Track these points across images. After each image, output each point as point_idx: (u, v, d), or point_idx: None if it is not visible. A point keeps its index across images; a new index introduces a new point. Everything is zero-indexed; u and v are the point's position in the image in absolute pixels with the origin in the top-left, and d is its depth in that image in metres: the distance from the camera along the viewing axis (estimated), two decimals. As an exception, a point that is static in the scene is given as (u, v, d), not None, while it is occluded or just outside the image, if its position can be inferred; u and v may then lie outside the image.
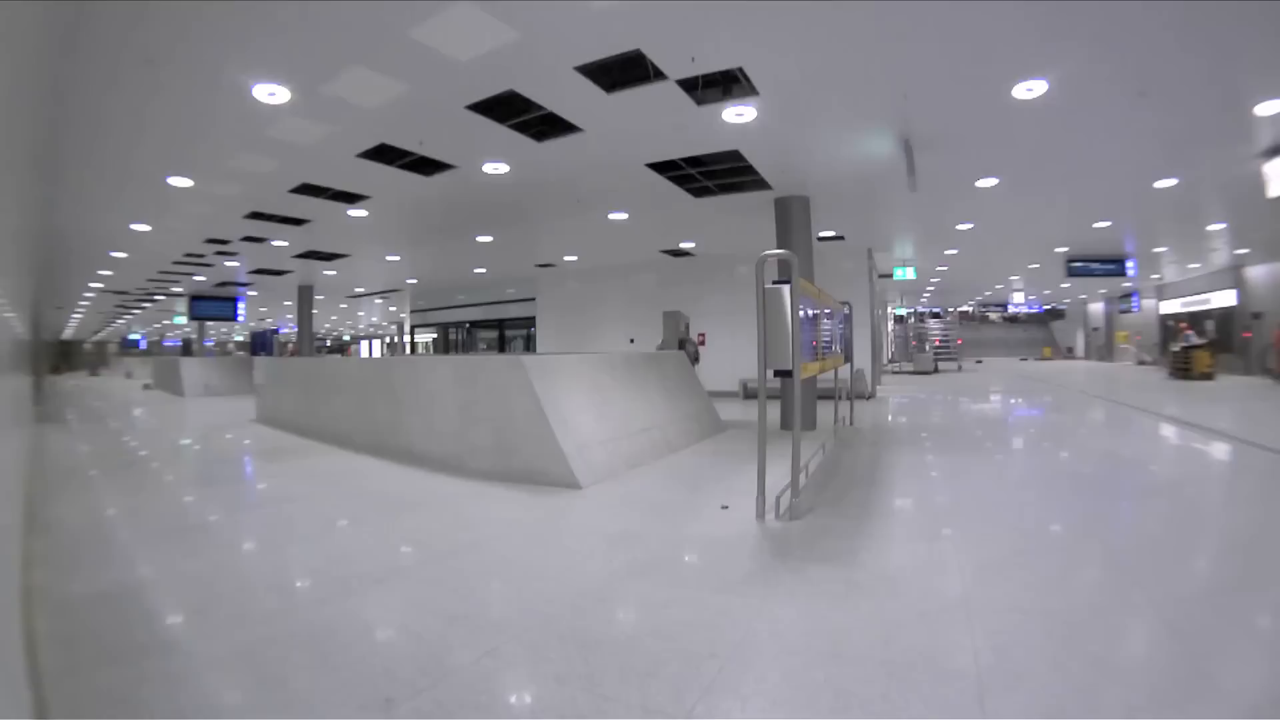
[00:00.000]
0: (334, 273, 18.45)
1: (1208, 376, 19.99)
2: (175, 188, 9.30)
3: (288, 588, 3.84)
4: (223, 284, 19.67)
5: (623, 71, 6.10)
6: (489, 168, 8.85)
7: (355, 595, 3.61)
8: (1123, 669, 2.84)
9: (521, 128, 7.43)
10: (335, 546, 4.62)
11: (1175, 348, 21.90)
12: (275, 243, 13.56)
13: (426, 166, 8.77)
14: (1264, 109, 7.19)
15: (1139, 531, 4.99)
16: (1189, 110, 7.28)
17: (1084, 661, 2.83)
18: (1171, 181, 10.33)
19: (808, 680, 2.71)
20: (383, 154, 8.24)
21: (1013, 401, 16.04)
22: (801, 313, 5.42)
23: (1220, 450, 8.44)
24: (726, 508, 5.42)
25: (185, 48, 5.40)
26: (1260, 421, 10.98)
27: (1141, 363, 30.75)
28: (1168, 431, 10.13)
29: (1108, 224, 14.22)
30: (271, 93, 6.30)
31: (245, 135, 7.44)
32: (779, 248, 9.72)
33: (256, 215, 11.20)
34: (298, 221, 11.69)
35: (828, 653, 2.93)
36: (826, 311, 7.83)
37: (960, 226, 14.15)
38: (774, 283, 5.33)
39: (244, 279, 18.87)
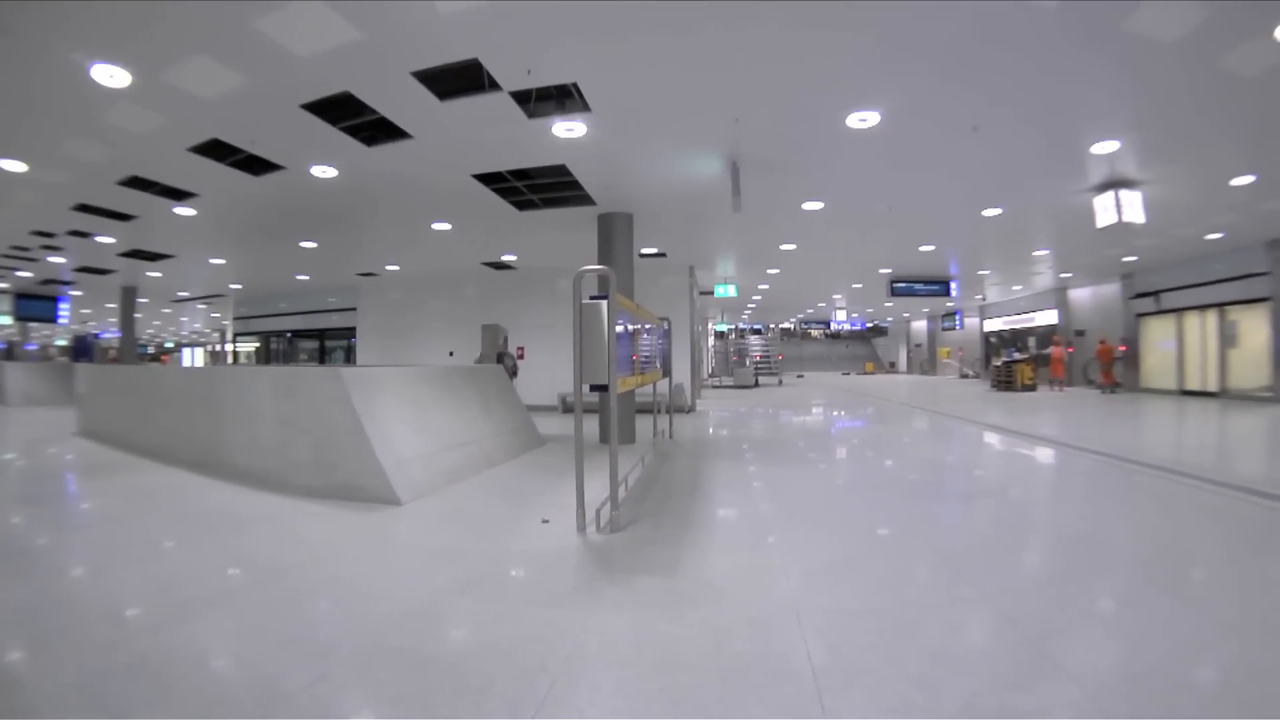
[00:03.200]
0: (159, 274, 17.14)
1: (1030, 388, 21.98)
2: (7, 172, 8.49)
3: (120, 616, 3.59)
4: (46, 282, 17.99)
5: (458, 79, 6.06)
6: (317, 170, 8.52)
7: (187, 622, 3.43)
8: (962, 659, 3.00)
9: (353, 131, 7.23)
10: (163, 570, 4.35)
11: (998, 361, 23.81)
12: (100, 239, 12.50)
13: (256, 165, 8.34)
14: (1098, 149, 8.02)
15: (965, 531, 5.31)
16: (1021, 146, 8.00)
17: (921, 655, 2.98)
18: (998, 210, 11.27)
19: (642, 689, 2.75)
20: (214, 149, 7.79)
21: (834, 414, 16.73)
22: (620, 328, 5.53)
23: (1040, 452, 9.25)
24: (547, 521, 5.43)
25: (29, 18, 4.97)
26: (1075, 426, 12.18)
27: (964, 376, 33.21)
28: (991, 438, 10.93)
29: (932, 248, 15.30)
30: (111, 75, 5.84)
31: (81, 118, 6.86)
32: (600, 263, 9.89)
33: (84, 208, 10.30)
34: (125, 217, 10.84)
35: (660, 662, 2.97)
36: (645, 327, 8.00)
37: (784, 247, 14.81)
38: (591, 298, 5.40)
39: (68, 277, 17.35)
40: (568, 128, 7.11)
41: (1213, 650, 3.04)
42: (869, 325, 47.35)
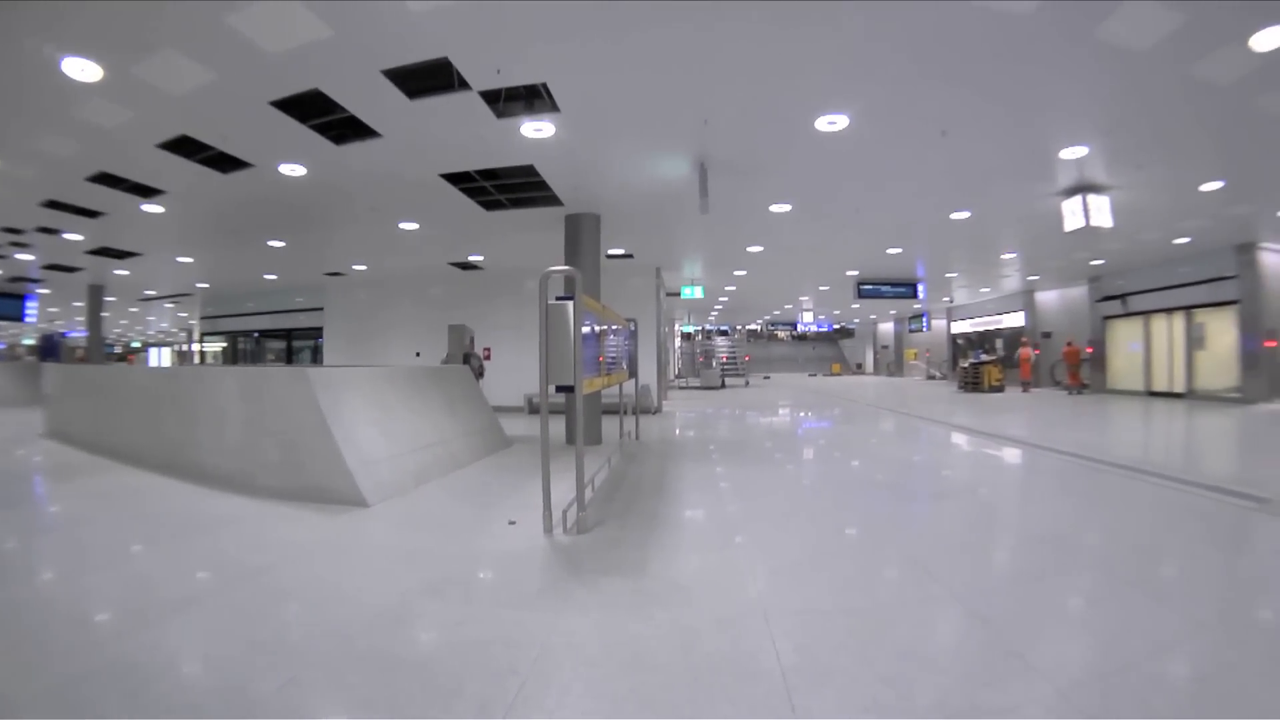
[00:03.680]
0: (126, 272, 16.83)
1: (998, 389, 22.20)
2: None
3: (90, 620, 3.57)
4: (14, 279, 17.69)
5: (428, 78, 6.05)
6: (286, 168, 8.44)
7: (156, 626, 3.40)
8: (932, 657, 3.02)
9: (322, 129, 7.19)
10: (132, 573, 4.31)
11: (965, 363, 24.04)
12: (68, 235, 12.30)
13: (224, 163, 8.25)
14: (1067, 154, 8.15)
15: (933, 531, 5.34)
16: (990, 151, 8.10)
17: (891, 654, 3.00)
18: (966, 214, 11.39)
19: (612, 690, 2.75)
20: (183, 146, 7.69)
21: (801, 415, 16.85)
22: (586, 329, 5.54)
23: (1008, 453, 9.34)
24: (514, 523, 5.42)
25: (3, 11, 4.90)
26: (1042, 426, 12.30)
27: (931, 377, 33.51)
28: (958, 439, 11.01)
29: (900, 250, 15.42)
30: (82, 68, 5.75)
31: (52, 112, 6.75)
32: (567, 264, 9.90)
33: (53, 204, 10.13)
34: (93, 214, 10.66)
35: (629, 663, 2.98)
36: (612, 328, 8.02)
37: (751, 248, 14.87)
38: (558, 298, 5.40)
39: (35, 274, 17.04)
40: (536, 128, 7.11)
41: (1183, 646, 3.09)
42: (836, 327, 47.43)
